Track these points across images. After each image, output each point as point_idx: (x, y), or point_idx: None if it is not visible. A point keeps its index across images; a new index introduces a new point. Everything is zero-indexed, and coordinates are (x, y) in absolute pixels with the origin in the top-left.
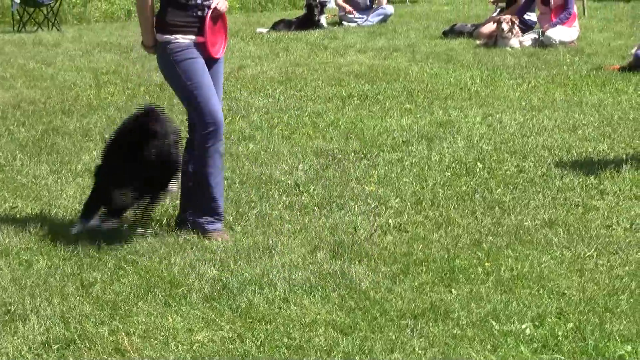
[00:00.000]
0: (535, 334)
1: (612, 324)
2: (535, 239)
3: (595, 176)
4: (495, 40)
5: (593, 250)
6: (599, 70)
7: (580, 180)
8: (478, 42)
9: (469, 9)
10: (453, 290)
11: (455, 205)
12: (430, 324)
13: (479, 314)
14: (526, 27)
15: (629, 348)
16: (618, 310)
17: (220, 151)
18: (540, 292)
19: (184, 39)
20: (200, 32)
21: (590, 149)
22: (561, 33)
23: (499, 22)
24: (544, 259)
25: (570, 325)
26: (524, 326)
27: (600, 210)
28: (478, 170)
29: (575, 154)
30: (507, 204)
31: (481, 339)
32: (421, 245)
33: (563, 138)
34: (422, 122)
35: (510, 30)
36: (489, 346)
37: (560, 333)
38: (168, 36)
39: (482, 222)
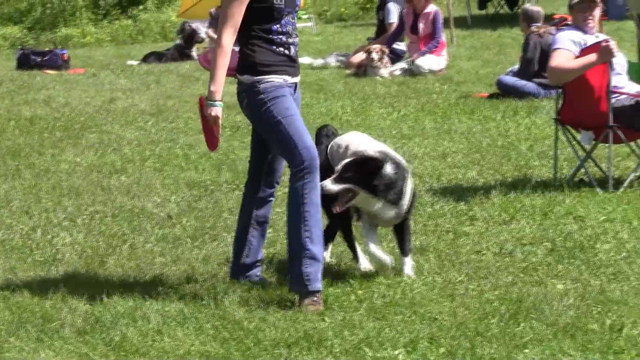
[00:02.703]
0: (409, 359)
1: (483, 348)
2: None
3: (465, 202)
4: (365, 69)
5: (464, 275)
6: (467, 98)
7: (451, 206)
8: (348, 71)
9: (340, 39)
10: (326, 318)
11: None
12: (304, 353)
13: (352, 341)
14: (396, 56)
15: None
16: (489, 334)
17: (317, 187)
18: (413, 318)
19: (276, 79)
20: (289, 71)
21: (460, 176)
22: (430, 61)
23: (368, 52)
24: (415, 285)
25: (442, 349)
26: (396, 352)
27: (470, 236)
28: None
29: (445, 181)
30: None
31: None
32: None
33: (433, 165)
34: None
35: (380, 59)
36: None
37: (432, 358)
38: (260, 76)
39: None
